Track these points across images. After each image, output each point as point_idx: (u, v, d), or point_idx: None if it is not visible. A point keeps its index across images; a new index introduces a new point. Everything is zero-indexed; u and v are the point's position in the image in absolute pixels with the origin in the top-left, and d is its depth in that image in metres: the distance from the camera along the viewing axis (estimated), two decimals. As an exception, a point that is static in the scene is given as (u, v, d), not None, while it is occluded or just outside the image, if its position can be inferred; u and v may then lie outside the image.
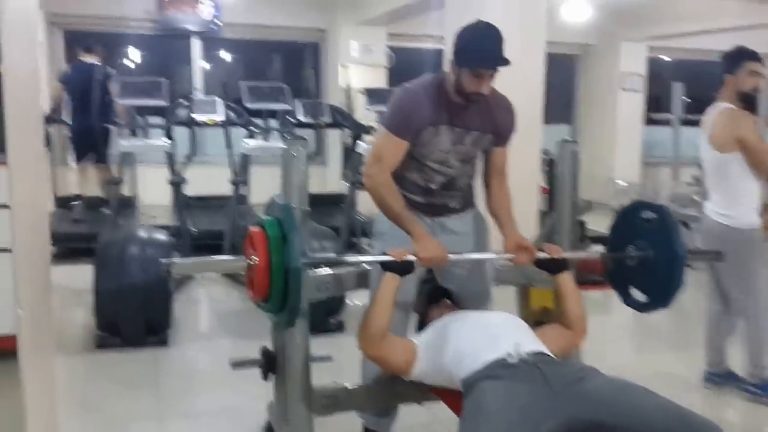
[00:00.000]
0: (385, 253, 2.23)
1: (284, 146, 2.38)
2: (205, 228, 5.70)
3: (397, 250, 2.22)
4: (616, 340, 4.52)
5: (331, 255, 2.55)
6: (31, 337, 1.88)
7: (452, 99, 2.35)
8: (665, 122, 7.95)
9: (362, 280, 2.57)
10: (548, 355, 2.08)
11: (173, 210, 5.55)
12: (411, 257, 2.20)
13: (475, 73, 2.26)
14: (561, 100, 10.55)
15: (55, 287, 4.82)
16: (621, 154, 9.40)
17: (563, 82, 10.39)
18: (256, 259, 2.07)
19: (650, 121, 9.49)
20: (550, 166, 5.43)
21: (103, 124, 5.68)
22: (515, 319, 2.30)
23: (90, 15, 8.05)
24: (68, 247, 5.61)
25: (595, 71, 9.86)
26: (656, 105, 9.74)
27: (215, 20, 8.36)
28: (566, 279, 2.37)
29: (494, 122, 2.43)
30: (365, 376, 2.60)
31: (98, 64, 6.21)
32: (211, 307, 4.76)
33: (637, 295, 2.48)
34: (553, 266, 2.36)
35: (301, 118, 5.79)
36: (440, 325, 2.29)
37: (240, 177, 5.35)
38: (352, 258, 2.42)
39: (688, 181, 6.90)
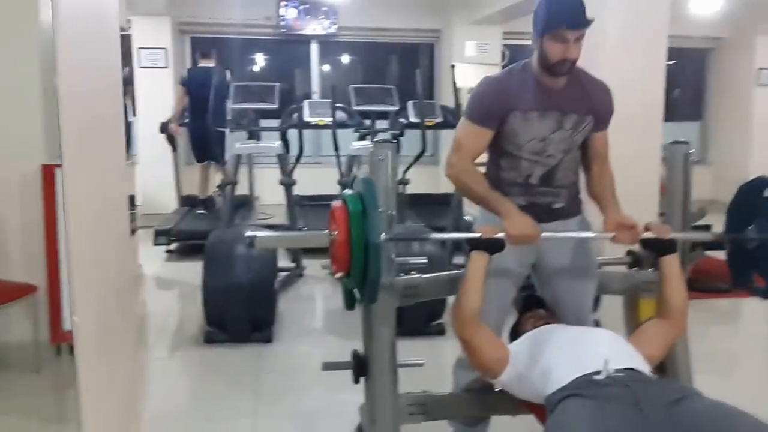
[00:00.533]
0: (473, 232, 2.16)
1: (372, 150, 2.35)
2: (315, 227, 5.79)
3: (486, 227, 2.14)
4: (746, 354, 4.20)
5: (417, 227, 2.48)
6: (91, 341, 1.94)
7: (541, 82, 2.23)
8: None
9: (454, 285, 2.51)
10: (642, 373, 1.91)
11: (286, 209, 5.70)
12: (500, 234, 2.11)
13: (558, 38, 2.13)
14: (691, 96, 9.98)
15: (176, 283, 5.16)
16: (756, 153, 8.75)
17: (694, 78, 9.83)
18: (337, 233, 2.06)
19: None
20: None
21: (219, 127, 5.91)
22: (611, 335, 2.14)
23: (214, 22, 8.42)
24: (188, 244, 5.88)
25: (728, 66, 9.25)
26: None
27: (333, 25, 8.54)
28: (672, 262, 2.18)
29: (591, 103, 2.29)
30: (456, 384, 2.55)
31: (214, 67, 6.48)
32: (316, 305, 4.84)
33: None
34: (659, 247, 2.19)
35: (412, 118, 5.81)
36: (531, 337, 2.19)
37: (346, 177, 5.42)
38: (436, 234, 2.34)
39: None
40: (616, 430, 1.66)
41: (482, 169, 2.38)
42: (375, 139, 5.45)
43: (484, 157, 2.41)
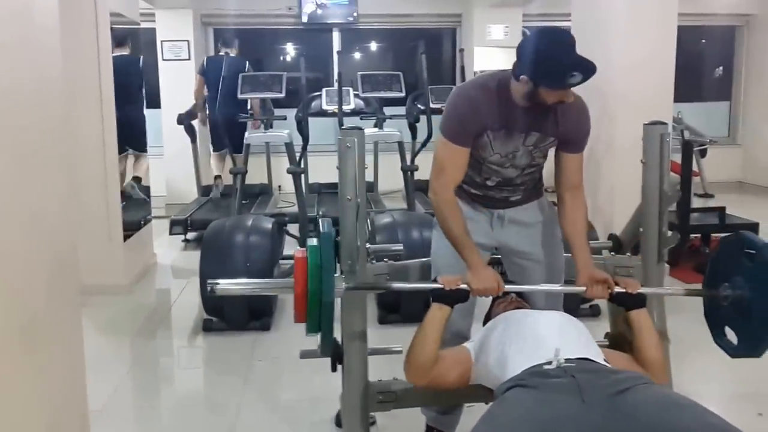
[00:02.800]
0: (436, 281, 2.14)
1: (339, 137, 2.35)
2: (332, 214, 5.83)
3: (448, 278, 2.12)
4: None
5: (378, 282, 2.49)
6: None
7: (515, 103, 2.18)
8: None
9: (427, 271, 2.51)
10: (593, 363, 1.87)
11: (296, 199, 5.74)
12: (463, 286, 2.11)
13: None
14: (722, 76, 9.69)
15: (189, 272, 5.24)
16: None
17: (724, 57, 9.55)
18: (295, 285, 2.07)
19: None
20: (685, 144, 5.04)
21: (235, 116, 5.96)
22: (570, 322, 2.10)
23: (237, 13, 8.47)
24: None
25: (758, 44, 8.93)
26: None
27: (354, 12, 8.54)
28: (642, 317, 2.13)
29: (558, 125, 2.23)
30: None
31: (229, 57, 6.52)
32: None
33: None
34: (628, 302, 2.15)
35: (433, 104, 5.80)
36: (494, 323, 2.17)
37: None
38: (398, 284, 2.35)
39: None
40: (554, 420, 1.62)
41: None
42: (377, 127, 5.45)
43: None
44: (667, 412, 1.61)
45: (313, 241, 2.13)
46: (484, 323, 2.33)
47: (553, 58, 2.05)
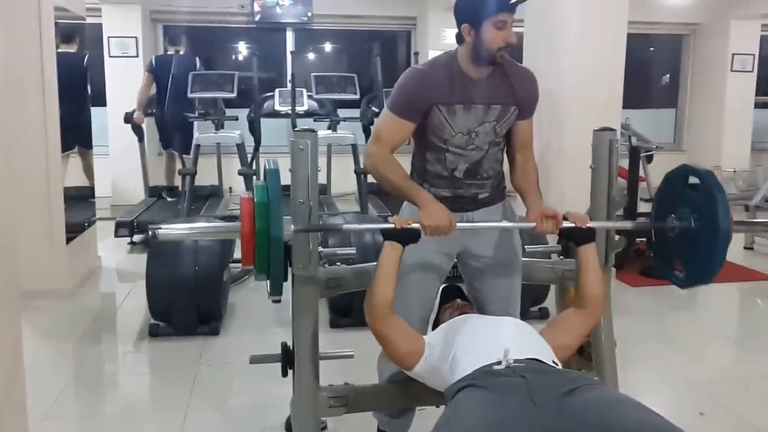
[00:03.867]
0: (387, 221, 2.12)
1: (292, 139, 2.31)
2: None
3: (400, 217, 2.12)
4: (697, 335, 4.24)
5: (329, 224, 2.45)
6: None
7: (467, 74, 2.20)
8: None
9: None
10: (543, 363, 1.89)
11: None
12: (415, 225, 2.08)
13: (498, 24, 2.10)
14: (669, 83, 9.96)
15: (135, 275, 5.10)
16: (729, 139, 8.75)
17: (672, 64, 9.81)
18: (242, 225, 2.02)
19: (765, 105, 8.75)
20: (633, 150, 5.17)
21: (183, 116, 5.85)
22: (520, 325, 2.12)
23: (187, 10, 8.32)
24: (151, 236, 5.83)
25: (704, 52, 9.22)
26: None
27: (308, 12, 8.49)
28: (589, 252, 2.17)
29: (515, 93, 2.26)
30: (381, 376, 2.53)
31: (179, 55, 6.41)
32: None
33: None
34: (577, 236, 2.17)
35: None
36: (444, 328, 2.17)
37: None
38: (348, 225, 2.32)
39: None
40: (505, 420, 1.64)
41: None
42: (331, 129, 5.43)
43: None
44: (612, 412, 1.65)
45: (260, 182, 2.10)
46: (433, 328, 2.33)
47: None
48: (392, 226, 2.09)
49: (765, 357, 3.88)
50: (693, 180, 2.21)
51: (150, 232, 2.04)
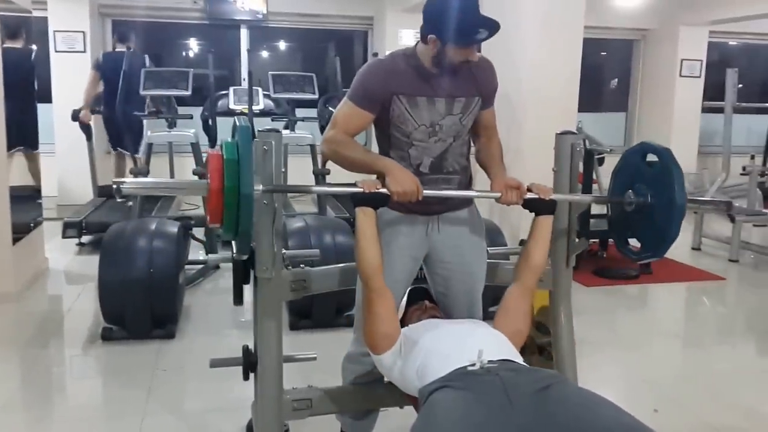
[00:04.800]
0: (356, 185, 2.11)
1: (257, 140, 2.27)
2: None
3: (367, 181, 2.10)
4: (648, 333, 4.37)
5: (297, 184, 2.43)
6: None
7: (427, 69, 2.19)
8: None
9: (346, 277, 2.46)
10: (515, 363, 1.92)
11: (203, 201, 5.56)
12: (383, 190, 2.08)
13: (463, 47, 2.11)
14: (620, 87, 10.17)
15: (84, 278, 4.97)
16: (677, 142, 8.96)
17: (623, 69, 10.02)
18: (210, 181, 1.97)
19: (711, 109, 9.01)
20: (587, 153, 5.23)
21: (133, 114, 5.71)
22: (489, 329, 2.14)
23: (137, 5, 8.14)
24: (101, 237, 5.67)
25: (653, 57, 9.44)
26: (720, 92, 9.27)
27: (263, 9, 8.38)
28: (545, 223, 2.24)
29: (477, 84, 2.27)
30: (345, 379, 2.51)
31: (129, 52, 6.26)
32: (228, 299, 4.71)
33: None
34: (540, 206, 2.22)
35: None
36: (413, 330, 2.16)
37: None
38: (317, 187, 2.29)
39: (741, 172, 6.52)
40: (483, 417, 1.67)
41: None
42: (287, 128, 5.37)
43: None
44: (587, 409, 1.70)
45: (227, 140, 2.04)
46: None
47: (460, 16, 2.08)
48: (360, 190, 2.08)
49: (712, 354, 4.00)
50: (651, 158, 2.27)
51: (114, 186, 1.98)
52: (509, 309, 2.18)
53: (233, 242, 2.14)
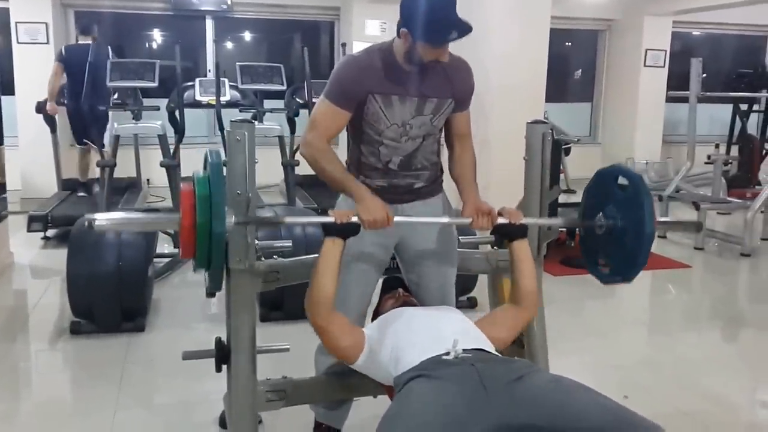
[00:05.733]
0: (327, 214, 2.10)
1: (229, 130, 2.25)
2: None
3: (340, 211, 2.10)
4: (614, 322, 4.44)
5: (269, 214, 2.40)
6: None
7: (402, 67, 2.19)
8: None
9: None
10: (489, 353, 1.94)
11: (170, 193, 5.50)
12: (354, 219, 2.07)
13: (434, 45, 2.10)
14: (585, 78, 10.29)
15: (50, 272, 4.90)
16: (642, 132, 9.13)
17: (589, 60, 10.13)
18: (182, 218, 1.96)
19: (675, 99, 9.17)
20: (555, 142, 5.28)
21: (99, 106, 5.63)
22: (462, 318, 2.16)
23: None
24: (66, 231, 5.58)
25: (618, 47, 9.58)
26: (684, 82, 9.44)
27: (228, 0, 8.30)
28: (522, 247, 2.20)
29: (452, 86, 2.27)
30: (318, 369, 2.52)
31: (93, 44, 6.16)
32: (198, 292, 4.67)
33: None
34: (511, 232, 2.20)
35: (314, 98, 5.71)
36: (384, 319, 2.17)
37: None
38: (290, 218, 2.28)
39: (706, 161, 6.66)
40: (458, 407, 1.68)
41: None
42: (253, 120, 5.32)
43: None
44: (564, 394, 1.73)
45: (199, 173, 2.02)
46: (373, 319, 2.33)
47: (434, 15, 2.07)
48: (332, 220, 2.07)
49: (678, 341, 4.08)
50: (622, 180, 2.26)
51: (86, 222, 1.95)
52: (497, 318, 2.17)
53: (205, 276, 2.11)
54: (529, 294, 2.18)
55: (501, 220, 2.19)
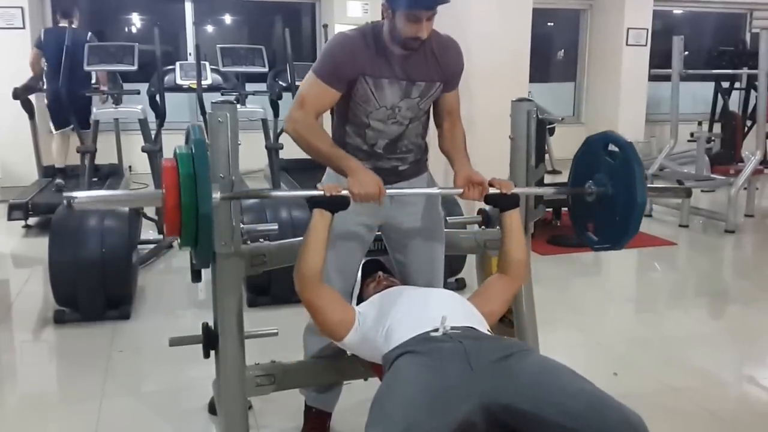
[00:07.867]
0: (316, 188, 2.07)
1: (211, 112, 2.21)
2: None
3: (329, 185, 2.06)
4: (601, 299, 4.45)
5: (256, 189, 2.36)
6: None
7: (391, 49, 2.15)
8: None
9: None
10: (478, 331, 1.93)
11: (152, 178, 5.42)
12: (344, 192, 2.04)
13: (412, 17, 2.05)
14: (568, 57, 10.27)
15: (32, 260, 4.83)
16: (625, 110, 9.14)
17: (571, 40, 10.11)
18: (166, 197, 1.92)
19: (657, 77, 9.18)
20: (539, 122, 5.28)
21: (79, 91, 5.53)
22: (452, 295, 2.16)
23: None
24: (48, 219, 5.49)
25: (601, 26, 9.56)
26: (666, 60, 9.45)
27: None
28: (513, 217, 2.21)
29: (441, 68, 2.23)
30: (307, 352, 2.50)
31: (74, 28, 6.04)
32: (183, 278, 4.64)
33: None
34: (502, 202, 2.20)
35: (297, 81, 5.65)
36: (377, 299, 2.15)
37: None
38: (276, 192, 2.25)
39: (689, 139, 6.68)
40: (445, 383, 1.69)
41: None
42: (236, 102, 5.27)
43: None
44: (546, 373, 1.74)
45: (182, 148, 1.97)
46: (357, 302, 2.31)
47: None
48: (321, 193, 2.04)
49: (665, 318, 4.11)
50: (612, 147, 2.26)
51: (65, 201, 1.90)
52: (488, 292, 2.18)
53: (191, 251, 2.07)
54: (518, 262, 2.20)
55: (492, 191, 2.18)
